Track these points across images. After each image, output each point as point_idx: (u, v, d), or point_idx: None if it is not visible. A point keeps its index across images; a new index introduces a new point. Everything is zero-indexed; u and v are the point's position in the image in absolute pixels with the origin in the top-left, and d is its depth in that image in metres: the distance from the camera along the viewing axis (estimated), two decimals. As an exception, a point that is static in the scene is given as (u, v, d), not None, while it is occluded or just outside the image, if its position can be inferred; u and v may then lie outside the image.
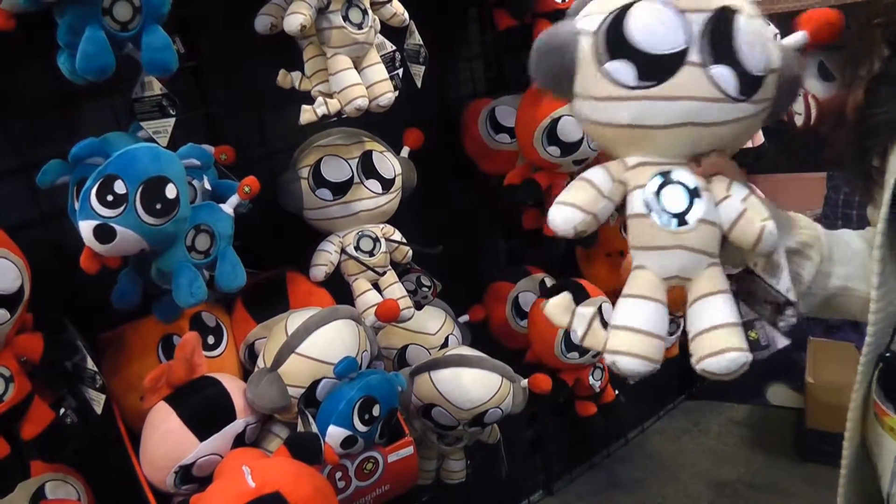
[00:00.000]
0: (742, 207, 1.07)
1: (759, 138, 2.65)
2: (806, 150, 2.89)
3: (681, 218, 1.06)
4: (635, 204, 1.08)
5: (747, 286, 1.16)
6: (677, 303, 1.11)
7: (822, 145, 2.82)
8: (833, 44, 1.26)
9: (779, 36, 2.38)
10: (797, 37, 1.14)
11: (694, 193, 1.07)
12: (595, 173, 1.11)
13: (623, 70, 1.03)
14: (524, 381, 1.98)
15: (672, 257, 1.07)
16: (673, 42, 1.02)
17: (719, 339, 1.04)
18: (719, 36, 1.03)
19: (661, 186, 1.07)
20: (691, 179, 1.08)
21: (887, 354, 1.15)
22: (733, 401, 3.37)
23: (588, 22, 1.07)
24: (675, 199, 1.07)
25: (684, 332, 1.12)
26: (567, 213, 1.09)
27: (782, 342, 1.15)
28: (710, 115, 1.04)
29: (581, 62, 1.06)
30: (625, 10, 1.04)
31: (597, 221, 1.10)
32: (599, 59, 1.04)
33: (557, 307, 1.17)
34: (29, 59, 1.57)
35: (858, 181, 1.19)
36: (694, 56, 1.02)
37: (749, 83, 1.04)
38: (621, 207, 1.12)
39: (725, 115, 1.05)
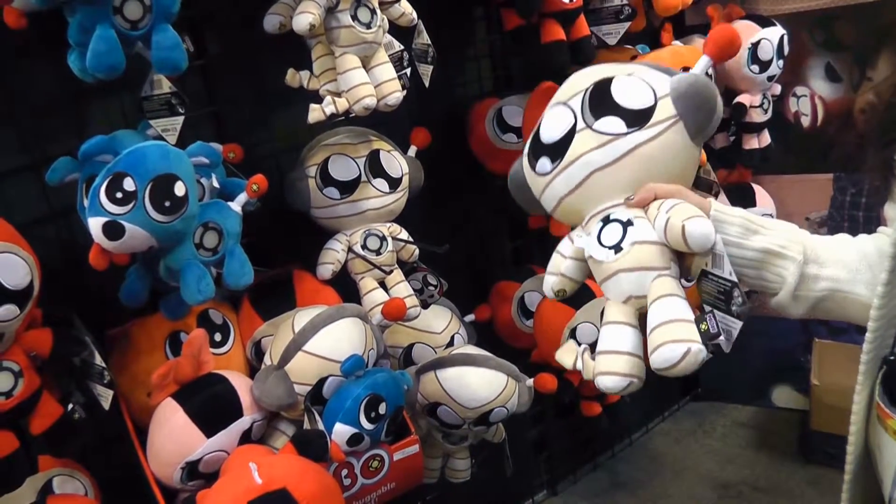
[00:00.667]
0: (666, 216, 1.17)
1: (766, 139, 2.65)
2: (812, 152, 2.89)
3: (616, 247, 1.21)
4: (587, 250, 1.26)
5: (704, 287, 1.24)
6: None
7: (828, 146, 2.83)
8: (842, 45, 1.36)
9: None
10: (702, 62, 1.27)
11: (627, 224, 1.21)
12: (561, 242, 1.35)
13: (542, 163, 1.29)
14: (530, 381, 1.98)
15: (618, 282, 1.22)
16: (563, 125, 1.27)
17: (659, 334, 1.14)
18: (596, 100, 1.25)
19: (602, 229, 1.24)
20: (625, 214, 1.22)
21: (891, 357, 1.17)
22: (738, 402, 3.36)
23: (525, 148, 1.36)
24: (611, 234, 1.23)
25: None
26: (545, 279, 1.37)
27: (737, 325, 1.20)
28: (606, 155, 1.23)
29: (528, 177, 1.35)
30: (539, 124, 1.33)
31: (568, 279, 1.33)
32: (532, 165, 1.32)
33: (565, 352, 1.36)
34: (39, 58, 1.58)
35: (877, 175, 1.23)
36: (580, 124, 1.25)
37: (636, 116, 1.22)
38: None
39: (621, 150, 1.22)
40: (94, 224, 1.36)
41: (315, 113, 1.68)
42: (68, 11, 1.36)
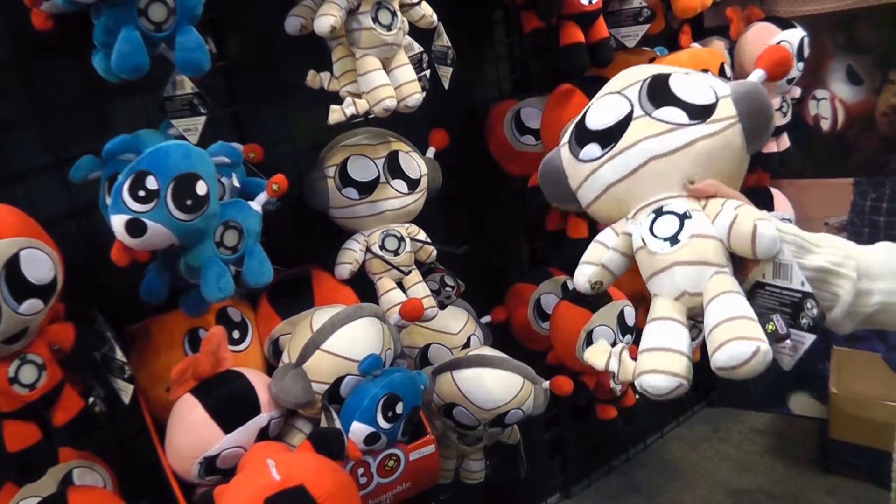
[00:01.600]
0: (734, 214, 1.14)
1: (785, 143, 2.64)
2: (832, 155, 2.88)
3: (672, 239, 1.17)
4: (635, 242, 1.21)
5: (758, 301, 1.19)
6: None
7: (849, 150, 2.81)
8: (864, 47, 1.35)
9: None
10: (757, 74, 1.26)
11: (684, 217, 1.17)
12: (603, 233, 1.30)
13: (590, 149, 1.26)
14: (546, 383, 1.99)
15: (673, 276, 1.16)
16: (618, 111, 1.25)
17: (724, 331, 1.08)
18: (655, 91, 1.23)
19: (654, 220, 1.19)
20: (682, 206, 1.19)
21: None
22: (754, 409, 3.35)
23: (563, 138, 1.35)
24: (666, 226, 1.18)
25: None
26: (579, 270, 1.30)
27: (809, 339, 1.16)
28: (666, 144, 1.20)
29: (566, 166, 1.32)
30: (584, 112, 1.31)
31: (608, 271, 1.27)
32: (574, 153, 1.29)
33: (596, 352, 1.29)
34: (62, 58, 1.60)
35: None
36: (638, 112, 1.23)
37: (698, 110, 1.20)
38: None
39: (682, 140, 1.19)
40: (117, 221, 1.37)
41: (335, 114, 1.69)
42: (94, 13, 1.38)
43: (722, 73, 2.24)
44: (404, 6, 1.75)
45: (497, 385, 1.91)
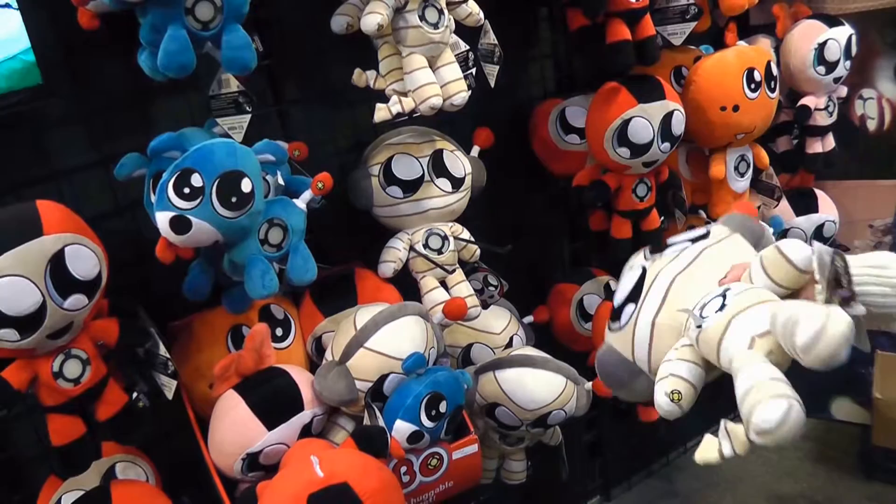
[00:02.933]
0: (758, 257, 1.20)
1: (830, 143, 2.59)
2: (878, 157, 2.83)
3: (722, 306, 1.20)
4: (693, 335, 1.24)
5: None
6: None
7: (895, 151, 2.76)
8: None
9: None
10: None
11: (724, 292, 1.21)
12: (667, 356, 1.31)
13: (626, 312, 1.43)
14: (588, 384, 1.97)
15: (734, 329, 1.17)
16: (628, 284, 1.46)
17: (792, 308, 1.07)
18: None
19: (701, 311, 1.23)
20: (719, 290, 1.23)
21: None
22: (796, 413, 3.30)
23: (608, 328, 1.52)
24: (713, 306, 1.22)
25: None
26: (656, 390, 1.29)
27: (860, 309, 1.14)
28: (679, 264, 1.37)
29: (615, 343, 1.48)
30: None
31: (680, 379, 1.27)
32: (612, 328, 1.48)
33: (706, 450, 1.26)
34: (108, 57, 1.61)
35: None
36: (644, 266, 1.43)
37: (696, 238, 1.42)
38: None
39: (692, 254, 1.36)
40: (162, 218, 1.38)
41: (381, 112, 1.69)
42: (140, 12, 1.39)
43: (769, 71, 2.21)
44: (451, 4, 1.75)
45: (540, 385, 1.90)
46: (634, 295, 1.35)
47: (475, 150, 2.00)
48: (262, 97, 1.79)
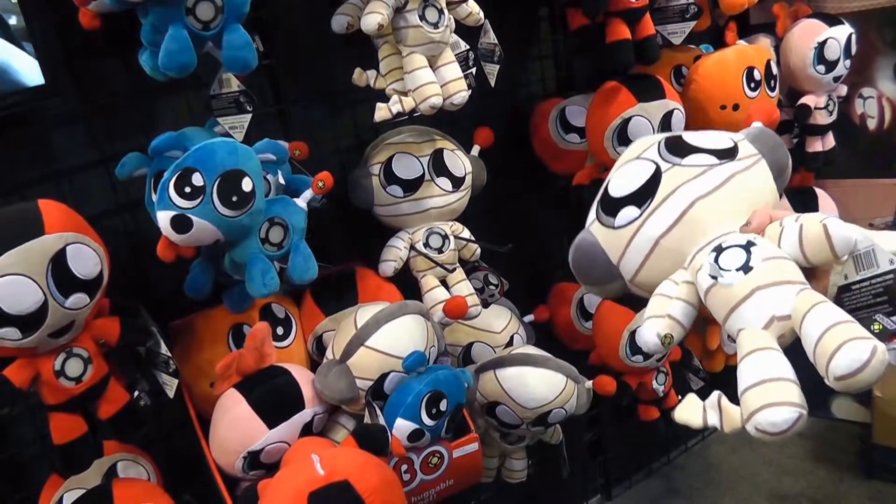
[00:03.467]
0: (798, 225, 1.08)
1: (830, 142, 2.59)
2: (878, 155, 2.83)
3: (745, 267, 1.08)
4: (703, 282, 1.13)
5: (848, 303, 1.11)
6: None
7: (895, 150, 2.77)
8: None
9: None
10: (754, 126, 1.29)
11: (748, 245, 1.10)
12: (661, 285, 1.20)
13: (626, 213, 1.21)
14: (589, 383, 1.97)
15: (756, 303, 1.07)
16: (645, 172, 1.21)
17: (832, 337, 0.97)
18: (676, 145, 1.23)
19: (717, 257, 1.12)
20: (742, 238, 1.12)
21: None
22: (797, 412, 3.30)
23: (589, 218, 1.29)
24: (733, 258, 1.10)
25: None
26: (647, 326, 1.17)
27: None
28: (704, 185, 1.18)
29: (603, 240, 1.25)
30: (605, 187, 1.28)
31: (676, 322, 1.16)
32: (609, 225, 1.23)
33: (688, 410, 1.15)
34: (109, 57, 1.62)
35: None
36: (665, 165, 1.20)
37: (723, 153, 1.20)
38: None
39: (720, 177, 1.18)
40: (163, 217, 1.38)
41: (381, 111, 1.69)
42: (141, 12, 1.39)
43: (768, 70, 2.21)
44: (451, 4, 1.75)
45: (540, 384, 1.90)
46: (640, 197, 1.19)
47: (475, 150, 2.00)
48: (264, 97, 1.79)
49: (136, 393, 1.53)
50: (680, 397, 2.37)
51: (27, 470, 1.66)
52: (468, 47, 1.84)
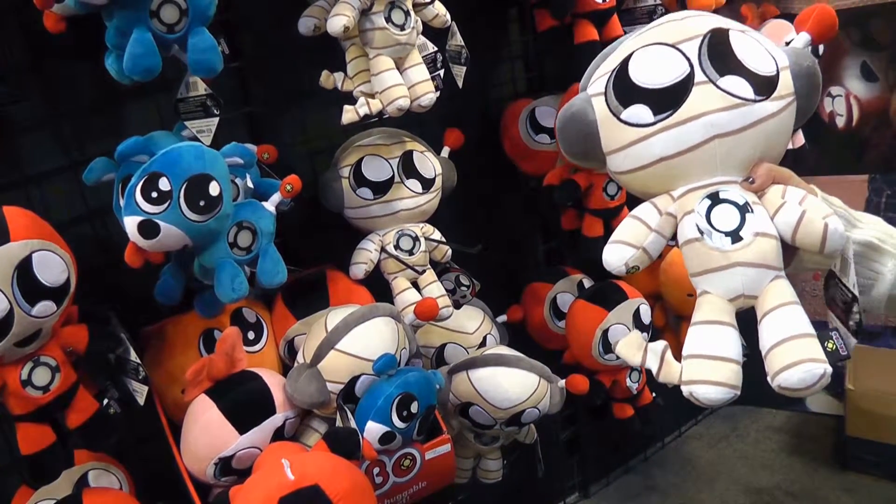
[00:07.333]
0: (801, 210, 1.06)
1: (800, 140, 2.62)
2: (847, 152, 2.86)
3: (734, 235, 1.07)
4: (687, 230, 1.10)
5: (832, 292, 1.14)
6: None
7: (863, 147, 2.79)
8: (879, 44, 1.27)
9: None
10: (802, 38, 1.16)
11: (745, 209, 1.07)
12: (642, 209, 1.15)
13: (639, 112, 1.09)
14: (561, 382, 1.98)
15: (732, 276, 1.07)
16: (675, 71, 1.09)
17: (791, 351, 1.01)
18: (718, 52, 1.08)
19: (711, 208, 1.09)
20: (740, 196, 1.09)
21: None
22: (771, 406, 3.34)
23: (596, 86, 1.15)
24: (726, 217, 1.08)
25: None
26: (617, 250, 1.13)
27: (852, 343, 1.11)
28: (732, 121, 1.07)
29: (601, 123, 1.13)
30: (625, 62, 1.12)
31: (647, 255, 1.13)
32: (615, 112, 1.11)
33: (629, 346, 1.16)
34: (76, 61, 1.61)
35: None
36: (700, 76, 1.07)
37: (763, 84, 1.07)
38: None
39: (749, 118, 1.07)
40: (130, 223, 1.37)
41: (349, 114, 1.69)
42: (106, 15, 1.38)
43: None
44: (417, 6, 1.75)
45: (513, 384, 1.90)
46: (660, 101, 1.08)
47: (445, 151, 2.00)
48: (232, 100, 1.78)
49: (105, 401, 1.51)
50: (654, 395, 2.41)
51: (-5, 481, 1.65)
52: (436, 49, 1.84)
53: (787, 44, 1.15)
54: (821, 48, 2.48)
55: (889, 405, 2.71)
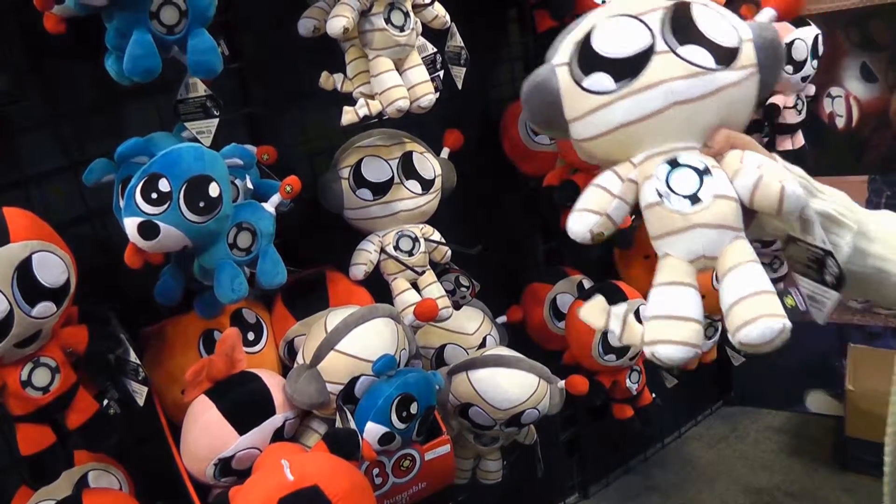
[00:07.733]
0: (758, 174, 1.06)
1: (800, 140, 2.62)
2: (847, 153, 2.86)
3: (693, 198, 1.07)
4: (648, 194, 1.10)
5: (792, 252, 1.15)
6: (715, 306, 1.11)
7: (863, 148, 2.79)
8: (879, 44, 1.28)
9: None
10: (766, 13, 1.18)
11: (704, 172, 1.08)
12: (603, 176, 1.15)
13: (601, 80, 1.09)
14: (561, 383, 1.98)
15: (692, 238, 1.08)
16: (637, 41, 1.09)
17: (751, 307, 1.02)
18: (680, 24, 1.10)
19: (670, 172, 1.09)
20: (699, 160, 1.09)
21: None
22: (771, 407, 3.34)
23: (560, 56, 1.14)
24: (685, 181, 1.08)
25: (723, 335, 1.11)
26: (580, 217, 1.13)
27: (833, 295, 1.12)
28: (691, 89, 1.08)
29: (564, 91, 1.13)
30: (588, 33, 1.12)
31: (611, 222, 1.13)
32: (577, 78, 1.11)
33: (593, 310, 1.18)
34: (76, 62, 1.61)
35: None
36: (661, 46, 1.08)
37: (724, 54, 1.09)
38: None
39: (709, 86, 1.08)
40: (130, 224, 1.37)
41: (348, 115, 1.69)
42: (106, 17, 1.38)
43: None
44: (417, 7, 1.76)
45: (512, 385, 1.90)
46: (621, 69, 1.09)
47: (445, 152, 2.00)
48: (232, 101, 1.78)
49: (105, 401, 1.52)
50: (654, 395, 2.41)
51: (-5, 482, 1.65)
52: (435, 50, 1.84)
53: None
54: (820, 48, 2.48)
55: (889, 405, 2.70)
